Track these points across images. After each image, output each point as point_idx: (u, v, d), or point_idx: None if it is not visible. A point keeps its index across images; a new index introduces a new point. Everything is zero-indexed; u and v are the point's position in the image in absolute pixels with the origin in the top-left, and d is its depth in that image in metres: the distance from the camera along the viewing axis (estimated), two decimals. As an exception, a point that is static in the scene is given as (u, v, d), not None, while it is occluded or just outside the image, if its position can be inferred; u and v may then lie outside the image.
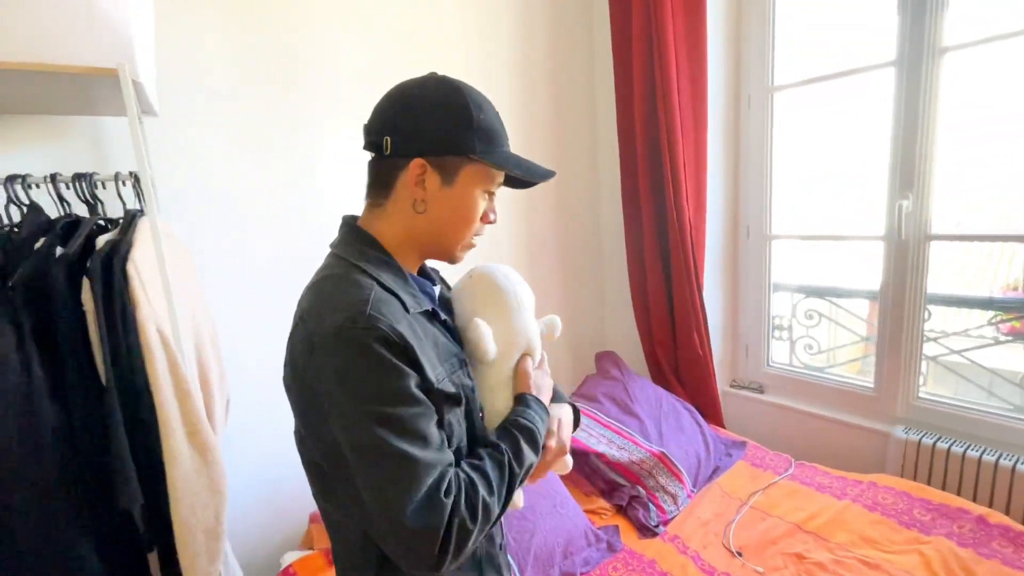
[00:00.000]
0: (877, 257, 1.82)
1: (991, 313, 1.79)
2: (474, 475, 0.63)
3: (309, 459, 0.69)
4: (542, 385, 0.79)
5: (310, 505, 1.59)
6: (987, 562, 1.24)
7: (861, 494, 1.55)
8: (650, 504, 1.55)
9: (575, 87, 2.27)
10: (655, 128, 1.97)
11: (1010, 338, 1.76)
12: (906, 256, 1.73)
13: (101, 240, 0.95)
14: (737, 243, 2.21)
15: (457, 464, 0.64)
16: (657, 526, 1.50)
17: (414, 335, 0.63)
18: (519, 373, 0.78)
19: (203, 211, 1.39)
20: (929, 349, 1.80)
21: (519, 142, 1.68)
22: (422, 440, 0.59)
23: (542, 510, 1.41)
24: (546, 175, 0.74)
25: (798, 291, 2.19)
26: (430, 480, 0.58)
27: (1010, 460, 1.53)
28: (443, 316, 0.74)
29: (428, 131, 0.66)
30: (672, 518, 1.54)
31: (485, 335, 0.73)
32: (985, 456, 1.57)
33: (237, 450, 1.43)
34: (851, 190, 2.00)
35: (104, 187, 1.09)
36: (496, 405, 0.76)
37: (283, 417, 0.71)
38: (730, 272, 2.24)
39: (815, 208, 2.11)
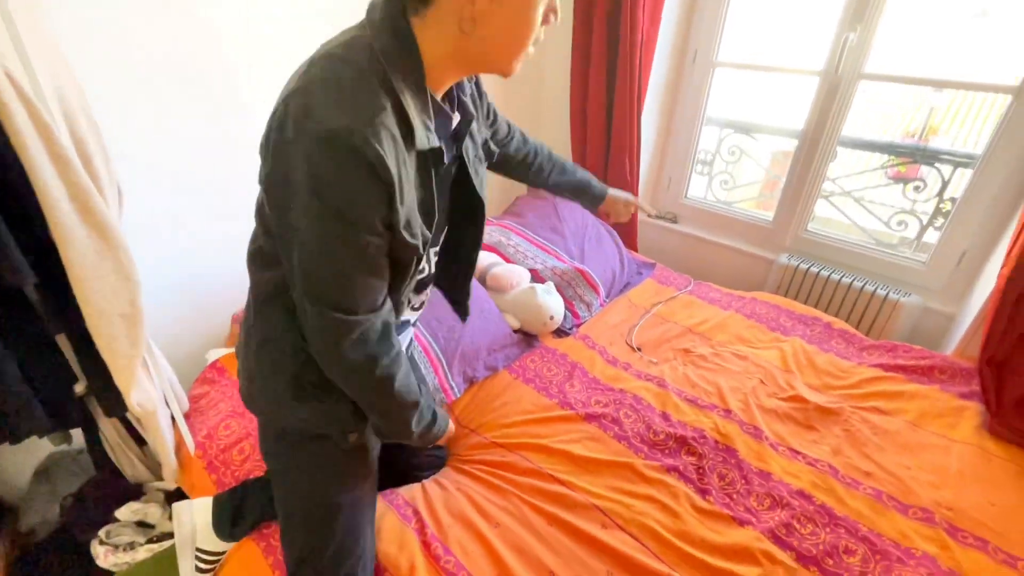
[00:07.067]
0: (810, 94, 1.85)
1: (886, 157, 1.96)
2: (404, 361, 0.73)
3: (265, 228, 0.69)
4: None
5: (231, 306, 1.57)
6: (825, 354, 1.55)
7: (743, 307, 1.81)
8: (566, 311, 1.71)
9: None
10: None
11: (892, 181, 1.96)
12: (835, 93, 1.77)
13: None
14: (682, 68, 2.12)
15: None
16: (571, 328, 1.68)
17: (401, 178, 0.60)
18: None
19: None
20: (826, 187, 1.98)
21: None
22: (377, 269, 0.64)
23: (470, 316, 1.50)
24: None
25: (727, 126, 2.22)
26: (375, 284, 0.65)
27: (861, 282, 1.84)
28: (447, 158, 0.69)
29: None
30: (584, 322, 1.73)
31: None
32: (843, 279, 1.86)
33: (144, 248, 1.31)
34: (806, 21, 1.93)
35: None
36: None
37: (190, 216, 0.63)
38: (668, 100, 2.20)
39: (764, 37, 2.03)
